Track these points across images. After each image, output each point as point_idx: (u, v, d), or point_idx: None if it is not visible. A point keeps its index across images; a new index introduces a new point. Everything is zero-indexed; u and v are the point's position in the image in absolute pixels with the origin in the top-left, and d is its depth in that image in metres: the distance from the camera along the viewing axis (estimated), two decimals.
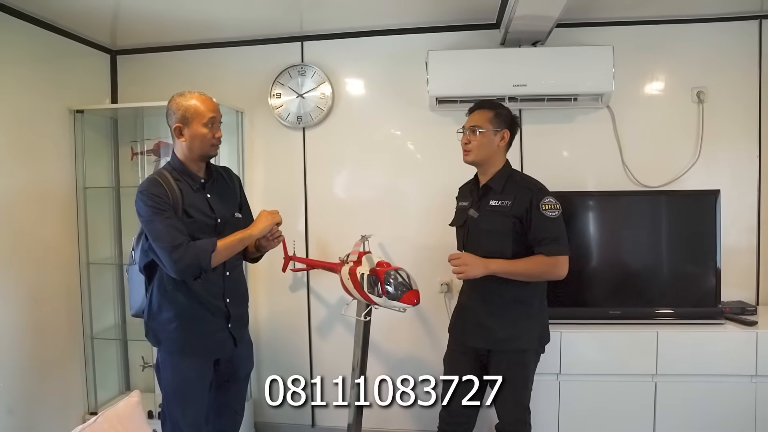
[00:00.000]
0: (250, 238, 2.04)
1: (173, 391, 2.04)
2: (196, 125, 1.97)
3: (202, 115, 1.97)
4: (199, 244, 1.91)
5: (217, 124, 2.03)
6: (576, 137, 2.98)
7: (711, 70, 2.88)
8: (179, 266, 1.88)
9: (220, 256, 1.95)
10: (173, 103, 1.99)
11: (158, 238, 1.88)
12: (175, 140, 2.01)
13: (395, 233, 3.09)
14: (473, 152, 2.16)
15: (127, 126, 3.26)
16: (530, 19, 2.56)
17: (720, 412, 2.53)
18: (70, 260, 2.97)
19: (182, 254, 1.86)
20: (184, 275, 1.93)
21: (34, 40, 2.74)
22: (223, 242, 1.95)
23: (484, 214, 2.16)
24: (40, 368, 2.74)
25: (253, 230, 2.03)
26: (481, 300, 2.18)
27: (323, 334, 3.23)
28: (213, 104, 2.02)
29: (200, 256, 1.89)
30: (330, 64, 3.12)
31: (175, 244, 1.86)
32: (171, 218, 1.90)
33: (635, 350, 2.56)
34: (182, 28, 3.01)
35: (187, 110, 1.96)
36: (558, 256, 2.07)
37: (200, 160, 2.06)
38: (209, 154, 2.05)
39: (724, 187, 2.70)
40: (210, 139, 2.00)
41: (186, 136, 1.98)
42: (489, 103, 2.23)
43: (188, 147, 2.00)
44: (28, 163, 2.70)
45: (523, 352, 2.19)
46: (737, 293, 2.85)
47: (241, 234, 2.01)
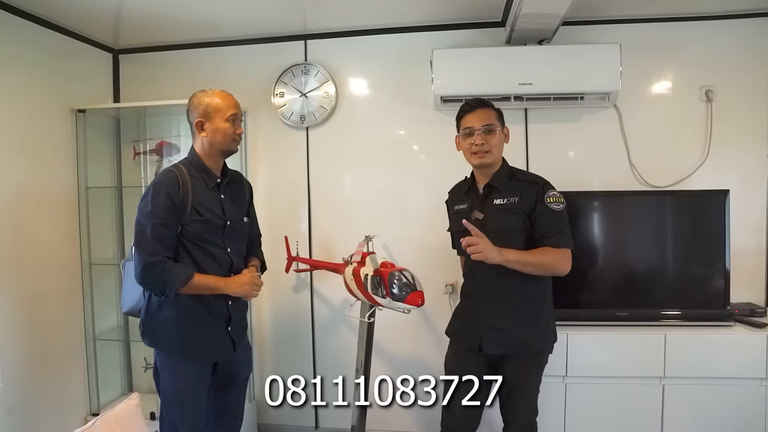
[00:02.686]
0: (222, 290, 2.01)
1: (173, 395, 2.02)
2: (218, 120, 2.00)
3: (224, 111, 2.00)
4: (175, 271, 1.91)
5: (239, 120, 2.06)
6: (582, 137, 2.95)
7: (720, 68, 2.85)
8: (144, 280, 1.92)
9: (188, 291, 1.94)
10: (195, 99, 2.02)
11: (139, 242, 1.90)
12: (195, 136, 2.04)
13: (399, 234, 3.06)
14: (493, 152, 2.09)
15: (130, 125, 3.25)
16: (536, 17, 2.54)
17: (729, 415, 2.50)
18: (72, 261, 2.96)
19: (151, 273, 1.89)
20: (146, 288, 1.98)
21: (36, 39, 2.72)
22: (198, 280, 1.95)
23: (491, 214, 2.10)
24: (42, 369, 2.73)
25: (228, 286, 2.01)
26: (494, 303, 2.12)
27: (326, 335, 3.21)
28: (234, 101, 2.06)
29: (169, 283, 1.90)
30: (333, 63, 3.10)
31: (150, 261, 1.87)
32: (164, 227, 1.90)
33: (643, 352, 2.53)
34: (185, 28, 3.00)
35: (209, 106, 1.99)
36: (564, 249, 2.05)
37: (220, 156, 2.07)
38: (230, 150, 2.07)
39: (733, 187, 2.67)
40: (231, 134, 2.02)
41: (207, 131, 2.01)
42: (487, 102, 2.17)
43: (209, 142, 2.02)
44: (30, 162, 2.69)
45: (541, 353, 2.17)
46: (746, 295, 2.82)
47: (216, 282, 1.99)
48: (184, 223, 1.95)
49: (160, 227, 1.89)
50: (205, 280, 1.97)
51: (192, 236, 1.97)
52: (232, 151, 2.08)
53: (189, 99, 2.05)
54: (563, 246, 2.04)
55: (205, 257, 1.99)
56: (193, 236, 1.97)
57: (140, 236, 1.90)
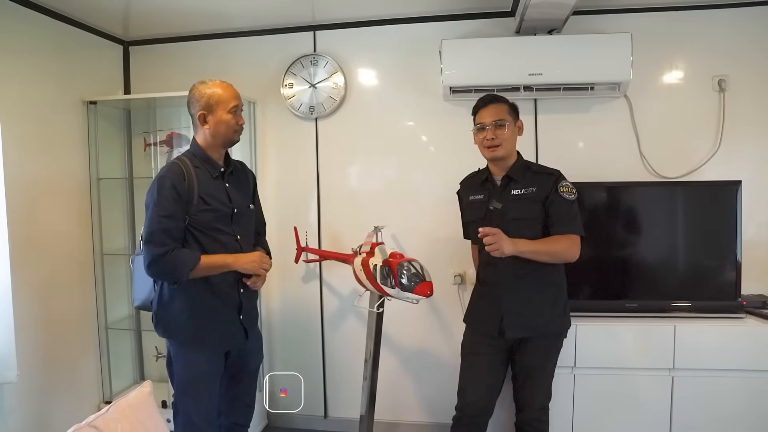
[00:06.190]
0: (231, 267, 2.02)
1: (186, 384, 2.04)
2: (221, 112, 2.00)
3: (226, 102, 2.00)
4: (182, 257, 1.92)
5: (240, 111, 2.07)
6: (592, 127, 2.93)
7: (732, 57, 2.81)
8: (154, 272, 1.94)
9: (199, 273, 1.95)
10: (196, 91, 2.02)
11: (149, 234, 1.91)
12: (198, 127, 2.04)
13: (408, 224, 3.07)
14: (504, 146, 2.17)
15: (140, 117, 3.27)
16: (546, 7, 2.51)
17: (739, 407, 2.48)
18: (84, 251, 2.99)
19: (160, 263, 1.90)
20: (157, 278, 2.00)
21: (47, 31, 2.74)
22: (206, 261, 1.96)
23: (509, 203, 2.17)
24: (56, 358, 2.76)
25: (237, 261, 2.03)
26: (515, 288, 2.18)
27: (336, 325, 3.23)
28: (235, 92, 2.06)
29: (179, 269, 1.91)
30: (342, 54, 3.09)
31: (159, 252, 1.88)
32: (170, 219, 1.91)
33: (652, 344, 2.52)
34: (194, 19, 3.00)
35: (211, 97, 1.99)
36: (575, 235, 2.13)
37: (222, 147, 2.09)
38: (233, 140, 2.08)
39: (745, 178, 2.64)
40: (234, 126, 2.04)
41: (210, 123, 2.01)
42: (499, 97, 2.25)
43: (212, 134, 2.02)
44: (41, 154, 2.71)
45: (559, 335, 2.29)
46: (758, 287, 2.78)
47: (224, 259, 2.00)
48: (192, 214, 1.96)
49: (166, 219, 1.90)
50: (214, 258, 1.98)
51: (201, 225, 1.98)
52: (234, 142, 2.10)
53: (189, 90, 2.04)
54: (574, 233, 2.13)
55: (216, 245, 2.01)
56: (203, 225, 1.98)
57: (148, 229, 1.91)
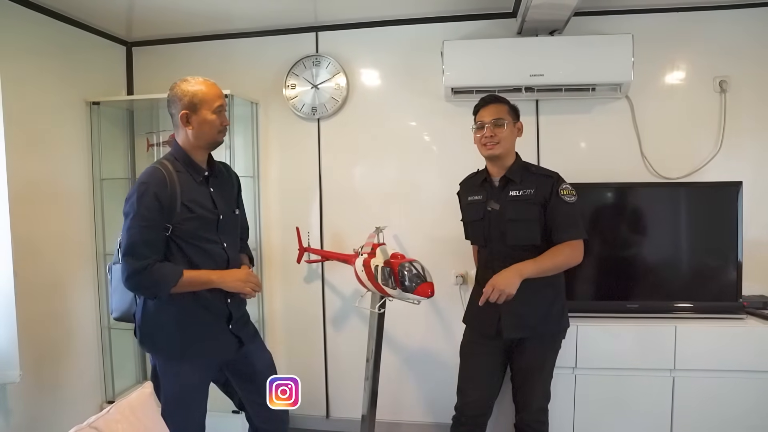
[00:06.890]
0: (215, 285, 1.92)
1: (177, 399, 1.93)
2: (205, 111, 1.90)
3: (210, 102, 1.90)
4: (164, 270, 1.82)
5: (224, 111, 1.97)
6: (594, 128, 2.93)
7: (734, 58, 2.81)
8: (133, 286, 1.84)
9: (181, 289, 1.85)
10: (177, 89, 1.90)
11: (128, 247, 1.80)
12: (180, 128, 1.93)
13: (410, 225, 3.07)
14: (501, 144, 2.16)
15: (143, 117, 3.28)
16: (548, 8, 2.52)
17: (740, 408, 2.48)
18: (87, 251, 3.01)
19: (140, 277, 1.80)
20: (137, 293, 1.91)
21: (50, 32, 2.75)
22: (189, 276, 1.85)
23: (507, 204, 2.18)
24: (58, 358, 2.78)
25: (222, 279, 1.93)
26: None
27: (338, 325, 3.23)
28: (219, 90, 1.95)
29: (160, 285, 1.82)
30: (344, 55, 3.10)
31: (138, 266, 1.78)
32: (152, 229, 1.82)
33: (653, 344, 2.52)
34: (197, 20, 3.01)
35: (195, 96, 1.89)
36: (577, 240, 2.12)
37: (206, 149, 1.98)
38: (217, 141, 1.98)
39: (746, 179, 2.65)
40: (218, 126, 1.93)
41: (194, 123, 1.90)
42: (500, 97, 2.26)
43: (195, 135, 1.91)
44: (45, 154, 2.73)
45: (557, 335, 2.28)
46: (759, 287, 2.78)
47: (208, 275, 1.90)
48: (175, 223, 1.85)
49: (147, 230, 1.80)
50: (197, 274, 1.88)
51: (186, 235, 1.88)
52: (218, 143, 1.99)
53: (170, 89, 1.93)
54: (576, 237, 2.12)
55: (201, 255, 1.91)
56: (187, 234, 1.88)
57: (127, 240, 1.80)
